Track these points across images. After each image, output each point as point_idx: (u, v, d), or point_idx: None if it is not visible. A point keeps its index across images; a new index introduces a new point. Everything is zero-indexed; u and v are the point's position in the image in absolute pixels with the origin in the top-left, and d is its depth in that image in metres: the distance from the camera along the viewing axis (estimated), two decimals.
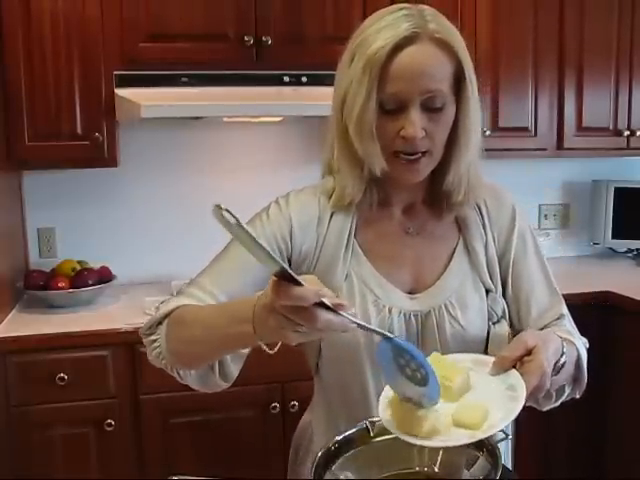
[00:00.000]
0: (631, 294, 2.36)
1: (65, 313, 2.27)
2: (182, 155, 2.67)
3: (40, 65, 2.20)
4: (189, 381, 1.10)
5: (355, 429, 0.99)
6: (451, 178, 1.12)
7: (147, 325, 1.11)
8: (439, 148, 1.08)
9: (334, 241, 1.15)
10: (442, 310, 1.13)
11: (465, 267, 1.16)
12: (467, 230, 1.18)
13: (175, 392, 2.14)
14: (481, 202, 1.19)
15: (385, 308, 1.12)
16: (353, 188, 1.13)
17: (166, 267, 2.65)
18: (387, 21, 1.05)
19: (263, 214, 1.17)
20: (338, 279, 1.14)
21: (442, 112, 1.05)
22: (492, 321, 1.15)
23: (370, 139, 1.06)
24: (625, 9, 2.70)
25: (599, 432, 2.47)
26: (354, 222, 1.16)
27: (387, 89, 1.03)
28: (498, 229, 1.19)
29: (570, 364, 1.04)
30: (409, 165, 1.07)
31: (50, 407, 2.06)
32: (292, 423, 2.25)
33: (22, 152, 2.24)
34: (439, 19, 1.06)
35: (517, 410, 0.86)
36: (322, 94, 2.37)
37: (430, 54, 1.03)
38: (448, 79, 1.05)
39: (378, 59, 1.02)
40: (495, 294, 1.16)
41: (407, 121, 1.03)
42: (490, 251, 1.18)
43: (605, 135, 2.77)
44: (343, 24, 2.39)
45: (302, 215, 1.16)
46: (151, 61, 2.26)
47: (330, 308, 0.80)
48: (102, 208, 2.63)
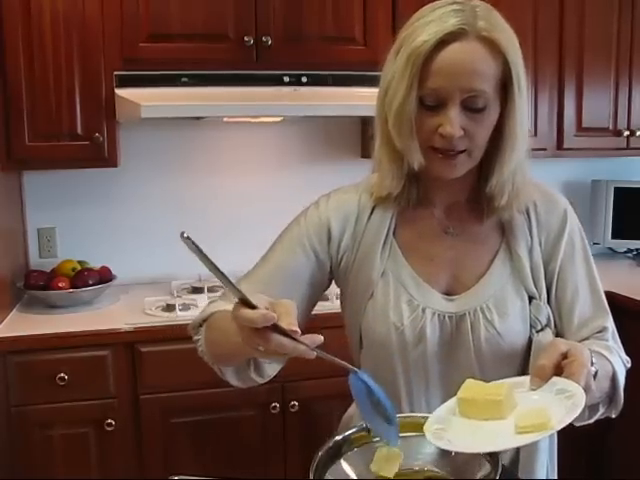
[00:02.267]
0: (631, 294, 2.36)
1: (65, 313, 2.27)
2: (182, 155, 2.67)
3: (40, 65, 2.20)
4: (228, 377, 1.13)
5: (355, 429, 0.99)
6: (494, 182, 1.09)
7: (191, 326, 1.17)
8: (479, 149, 1.06)
9: (372, 238, 1.15)
10: (478, 314, 1.10)
11: (506, 272, 1.13)
12: (511, 234, 1.14)
13: (175, 392, 2.15)
14: (530, 205, 1.15)
15: (419, 308, 1.11)
16: (392, 181, 1.12)
17: (166, 267, 2.65)
18: (436, 15, 1.02)
19: (301, 217, 1.19)
20: (374, 275, 1.13)
21: (484, 113, 1.03)
22: (535, 329, 1.11)
23: (409, 133, 1.04)
24: (625, 9, 2.70)
25: (599, 432, 2.47)
26: (393, 220, 1.16)
27: (428, 84, 1.01)
28: (546, 233, 1.15)
29: (604, 379, 1.01)
30: (445, 160, 1.05)
31: (50, 407, 2.06)
32: (292, 423, 2.27)
33: (22, 152, 2.23)
34: (491, 17, 1.03)
35: (583, 401, 0.84)
36: (322, 94, 2.40)
37: (475, 52, 1.00)
38: (493, 80, 1.01)
39: (421, 53, 1.00)
40: (539, 301, 1.12)
41: (446, 119, 1.01)
42: (535, 256, 1.14)
43: (605, 135, 2.77)
44: (343, 24, 2.39)
45: (339, 214, 1.17)
46: (151, 61, 2.26)
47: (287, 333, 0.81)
48: (102, 208, 2.63)
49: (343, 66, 2.38)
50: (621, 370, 1.07)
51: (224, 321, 1.04)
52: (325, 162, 2.77)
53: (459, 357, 1.11)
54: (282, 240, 1.19)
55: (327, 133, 2.77)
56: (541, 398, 0.89)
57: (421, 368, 1.12)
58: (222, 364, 1.12)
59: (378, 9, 2.40)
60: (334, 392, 2.19)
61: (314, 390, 2.22)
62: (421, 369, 1.12)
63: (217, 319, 1.09)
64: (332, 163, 2.78)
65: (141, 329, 2.13)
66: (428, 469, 0.96)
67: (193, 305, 2.29)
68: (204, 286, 2.50)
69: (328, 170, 2.77)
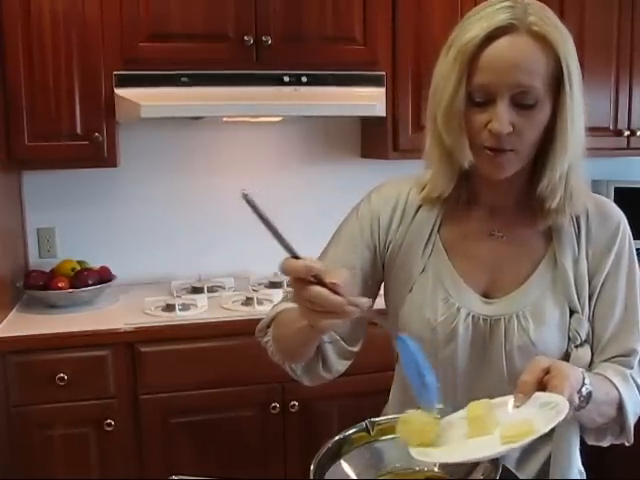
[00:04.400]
0: None
1: (65, 313, 2.27)
2: (182, 155, 2.67)
3: (40, 65, 2.20)
4: (298, 374, 1.15)
5: (355, 429, 0.99)
6: (545, 183, 1.06)
7: (259, 328, 1.19)
8: (527, 148, 1.03)
9: (416, 234, 1.15)
10: (513, 320, 1.08)
11: (548, 281, 1.10)
12: (558, 242, 1.11)
13: (175, 392, 2.15)
14: (582, 214, 1.12)
15: (454, 306, 1.11)
16: (443, 181, 1.11)
17: (166, 267, 2.66)
18: (486, 12, 1.01)
19: (354, 212, 1.21)
20: (415, 271, 1.14)
21: (534, 110, 1.00)
22: (575, 344, 1.08)
23: (458, 130, 1.03)
24: (625, 9, 2.70)
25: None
26: (439, 217, 1.15)
27: (476, 80, 0.99)
28: (594, 246, 1.11)
29: (606, 404, 1.00)
30: (493, 158, 1.03)
31: (50, 407, 2.06)
32: (292, 423, 2.27)
33: (22, 152, 2.23)
34: (543, 13, 1.00)
35: (566, 408, 0.83)
36: (322, 94, 2.40)
37: (524, 47, 0.98)
38: (543, 76, 0.99)
39: (469, 48, 0.99)
40: (581, 315, 1.09)
41: (494, 115, 0.99)
42: (581, 268, 1.10)
43: (605, 135, 2.76)
44: (343, 24, 2.39)
45: (388, 207, 1.18)
46: (151, 61, 2.26)
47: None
48: (102, 208, 2.62)
49: (343, 66, 2.38)
50: (634, 399, 1.05)
51: (289, 313, 1.07)
52: (325, 162, 2.77)
53: (489, 361, 1.10)
54: (337, 238, 1.21)
55: (327, 133, 2.77)
56: (525, 411, 0.89)
57: (450, 367, 1.11)
58: (291, 360, 1.13)
59: (378, 9, 2.40)
60: (334, 392, 2.20)
61: (314, 390, 2.18)
62: (450, 368, 1.11)
63: (282, 316, 1.12)
64: (332, 163, 2.78)
65: (141, 329, 2.13)
66: (428, 469, 0.96)
67: (193, 305, 2.29)
68: (204, 286, 2.50)
69: (328, 170, 2.77)
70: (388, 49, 2.44)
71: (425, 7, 2.42)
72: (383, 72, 2.42)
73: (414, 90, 2.47)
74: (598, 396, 0.97)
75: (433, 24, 2.43)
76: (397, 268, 1.17)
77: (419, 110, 2.47)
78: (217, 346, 2.16)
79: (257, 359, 2.21)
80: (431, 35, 2.43)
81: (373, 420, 0.99)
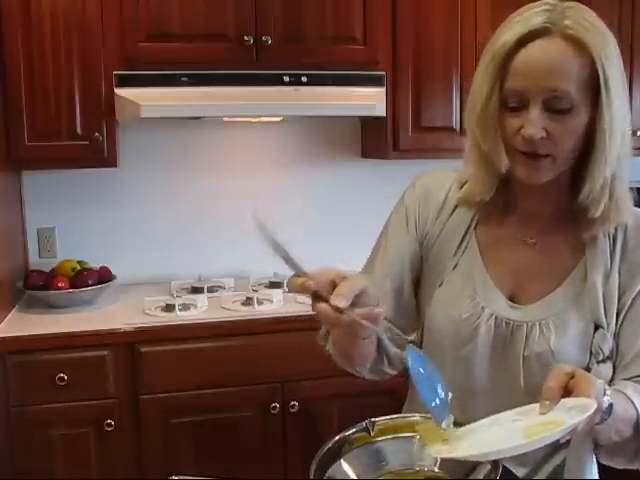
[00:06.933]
0: None
1: (65, 313, 2.27)
2: (182, 155, 2.67)
3: (40, 65, 2.20)
4: (365, 374, 1.17)
5: (355, 429, 0.99)
6: (587, 191, 1.02)
7: (320, 335, 1.20)
8: (563, 154, 1.00)
9: (452, 230, 1.16)
10: (535, 327, 1.07)
11: (575, 293, 1.08)
12: (591, 256, 1.08)
13: (175, 392, 2.15)
14: (620, 228, 1.08)
15: (479, 306, 1.10)
16: (482, 187, 1.10)
17: (166, 267, 2.65)
18: (524, 15, 1.00)
19: (401, 202, 1.22)
20: (447, 266, 1.15)
21: (569, 115, 0.97)
22: (597, 359, 1.06)
23: (494, 135, 1.02)
24: (625, 9, 2.70)
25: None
26: (475, 218, 1.15)
27: (509, 85, 0.99)
28: (629, 262, 1.08)
29: (623, 422, 0.95)
30: (528, 163, 1.01)
31: (50, 407, 2.06)
32: (292, 423, 2.27)
33: (22, 152, 2.23)
34: (581, 16, 0.98)
35: (594, 405, 0.82)
36: (322, 94, 2.40)
37: (558, 51, 0.96)
38: (578, 80, 0.96)
39: (501, 52, 0.98)
40: (606, 331, 1.06)
41: (527, 120, 0.98)
42: (611, 283, 1.07)
43: None
44: (343, 24, 2.39)
45: (430, 197, 1.18)
46: (151, 61, 2.26)
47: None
48: (102, 208, 2.62)
49: (343, 66, 2.38)
50: None
51: None
52: (325, 162, 2.77)
53: (507, 365, 1.09)
54: (388, 228, 1.22)
55: (327, 133, 2.77)
56: (552, 415, 0.86)
57: (469, 367, 1.11)
58: (350, 363, 1.15)
59: (378, 9, 2.40)
60: (334, 392, 2.20)
61: (314, 390, 2.22)
62: (469, 368, 1.11)
63: None
64: (332, 163, 2.78)
65: (141, 329, 2.13)
66: (428, 469, 0.96)
67: (193, 305, 2.29)
68: (204, 286, 2.50)
69: (328, 170, 2.77)
70: (388, 49, 2.44)
71: (425, 7, 2.43)
72: (383, 72, 2.42)
73: (414, 90, 2.47)
74: (618, 410, 0.94)
75: (433, 24, 2.44)
76: (429, 263, 1.17)
77: (419, 110, 2.48)
78: (217, 346, 2.16)
79: (257, 359, 2.23)
80: (431, 35, 2.44)
81: (373, 420, 0.99)
